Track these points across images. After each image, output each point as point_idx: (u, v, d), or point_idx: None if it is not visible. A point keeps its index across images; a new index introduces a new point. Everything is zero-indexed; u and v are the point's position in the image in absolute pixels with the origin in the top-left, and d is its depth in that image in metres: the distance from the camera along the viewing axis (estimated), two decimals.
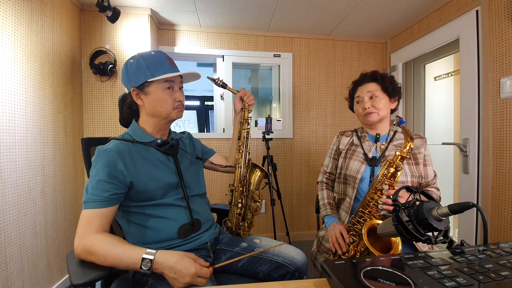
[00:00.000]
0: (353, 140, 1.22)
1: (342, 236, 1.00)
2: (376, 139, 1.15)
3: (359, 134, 1.22)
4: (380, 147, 1.13)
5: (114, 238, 0.72)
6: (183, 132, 1.10)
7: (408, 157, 0.91)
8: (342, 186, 1.18)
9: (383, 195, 0.89)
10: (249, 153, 1.04)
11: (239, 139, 1.06)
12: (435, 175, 1.12)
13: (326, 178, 1.29)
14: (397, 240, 0.79)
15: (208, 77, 1.09)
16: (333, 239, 1.02)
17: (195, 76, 0.95)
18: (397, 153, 0.90)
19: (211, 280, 0.79)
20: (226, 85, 1.07)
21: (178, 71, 0.89)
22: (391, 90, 1.13)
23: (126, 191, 0.80)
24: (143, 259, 0.67)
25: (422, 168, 1.09)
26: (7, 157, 1.29)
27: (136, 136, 0.88)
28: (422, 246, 0.99)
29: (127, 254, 0.68)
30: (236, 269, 0.96)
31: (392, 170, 0.90)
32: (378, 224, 0.81)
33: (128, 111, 0.96)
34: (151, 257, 0.68)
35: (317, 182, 1.33)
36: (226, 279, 0.94)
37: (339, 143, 1.25)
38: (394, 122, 1.03)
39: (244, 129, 1.05)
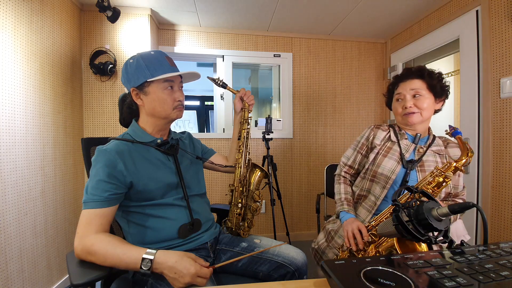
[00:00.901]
0: (390, 135, 1.10)
1: (361, 233, 0.93)
2: (415, 140, 1.05)
3: (397, 131, 1.10)
4: (418, 150, 1.03)
5: (114, 238, 0.72)
6: (183, 132, 1.10)
7: (464, 171, 0.84)
8: (368, 183, 1.08)
9: None
10: (249, 153, 1.04)
11: (239, 139, 1.06)
12: (464, 187, 1.05)
13: (345, 172, 1.20)
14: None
15: (208, 77, 1.09)
16: (349, 234, 0.94)
17: (195, 76, 0.95)
18: (453, 163, 0.82)
19: (211, 280, 0.79)
20: (226, 85, 1.07)
21: (178, 71, 0.89)
22: (439, 89, 1.02)
23: (126, 191, 0.80)
24: (143, 259, 0.67)
25: (456, 178, 1.02)
26: (7, 157, 1.29)
27: (136, 136, 0.88)
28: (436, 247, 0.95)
29: (127, 254, 0.68)
30: (236, 269, 0.96)
31: (439, 179, 0.82)
32: None
33: (128, 111, 0.96)
34: (151, 257, 0.67)
35: (334, 175, 1.25)
36: (226, 279, 0.94)
37: (373, 137, 1.12)
38: (447, 132, 0.93)
39: (244, 129, 1.05)
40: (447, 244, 0.55)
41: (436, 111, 1.08)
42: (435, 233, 0.55)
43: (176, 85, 0.89)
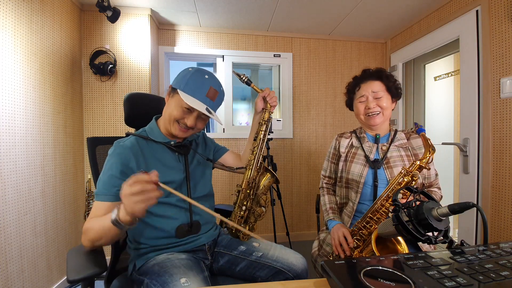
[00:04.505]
0: (352, 142, 1.17)
1: (346, 239, 0.95)
2: (376, 140, 1.10)
3: (358, 135, 1.17)
4: (381, 148, 1.09)
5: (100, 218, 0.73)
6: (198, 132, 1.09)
7: (428, 167, 0.87)
8: (344, 190, 1.14)
9: None
10: (262, 155, 1.00)
11: (255, 139, 1.02)
12: (436, 174, 1.09)
13: (326, 182, 1.25)
14: (404, 251, 0.76)
15: (233, 71, 1.08)
16: (336, 242, 0.98)
17: (218, 120, 0.92)
18: (417, 162, 0.86)
19: (206, 281, 0.79)
20: (251, 82, 1.02)
21: (209, 106, 0.85)
22: (394, 90, 1.09)
23: None
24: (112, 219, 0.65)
25: (425, 169, 1.07)
26: (7, 157, 1.29)
27: (151, 134, 0.90)
28: (427, 247, 0.96)
29: (106, 217, 0.68)
30: (234, 272, 0.95)
31: (407, 179, 0.86)
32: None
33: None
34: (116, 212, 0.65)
35: (319, 188, 1.29)
36: (223, 281, 0.94)
37: (339, 146, 1.19)
38: (413, 129, 0.98)
39: (261, 131, 1.00)
40: (447, 244, 0.55)
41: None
42: (435, 233, 0.55)
43: (196, 112, 0.86)
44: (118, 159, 0.80)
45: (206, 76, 0.87)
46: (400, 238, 0.75)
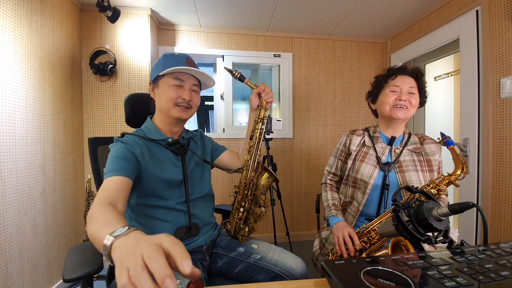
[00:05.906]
0: (364, 140, 1.12)
1: (352, 240, 0.90)
2: (390, 141, 1.05)
3: (371, 133, 1.12)
4: (394, 151, 1.04)
5: (106, 214, 0.55)
6: (196, 130, 1.09)
7: (457, 185, 0.84)
8: (351, 190, 1.10)
9: None
10: (259, 155, 0.97)
11: (251, 138, 0.99)
12: None
13: (330, 179, 1.22)
14: None
15: (225, 68, 1.02)
16: (340, 241, 0.92)
17: (209, 80, 0.94)
18: (448, 177, 0.83)
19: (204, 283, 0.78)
20: (244, 78, 0.98)
21: (194, 70, 0.87)
22: (423, 93, 1.07)
23: (136, 174, 0.79)
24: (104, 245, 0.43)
25: (435, 176, 1.02)
26: (7, 157, 1.29)
27: (149, 133, 0.90)
28: (429, 248, 0.94)
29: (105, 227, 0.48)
30: (232, 274, 0.95)
31: (433, 191, 0.83)
32: (403, 240, 0.73)
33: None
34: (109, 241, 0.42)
35: (321, 184, 1.26)
36: (221, 284, 0.93)
37: (350, 143, 1.13)
38: (440, 141, 0.93)
39: (257, 129, 0.96)
40: (447, 244, 0.55)
41: None
42: (435, 233, 0.55)
43: (187, 85, 0.89)
44: (121, 146, 0.79)
45: (177, 54, 0.91)
46: (410, 248, 0.74)
